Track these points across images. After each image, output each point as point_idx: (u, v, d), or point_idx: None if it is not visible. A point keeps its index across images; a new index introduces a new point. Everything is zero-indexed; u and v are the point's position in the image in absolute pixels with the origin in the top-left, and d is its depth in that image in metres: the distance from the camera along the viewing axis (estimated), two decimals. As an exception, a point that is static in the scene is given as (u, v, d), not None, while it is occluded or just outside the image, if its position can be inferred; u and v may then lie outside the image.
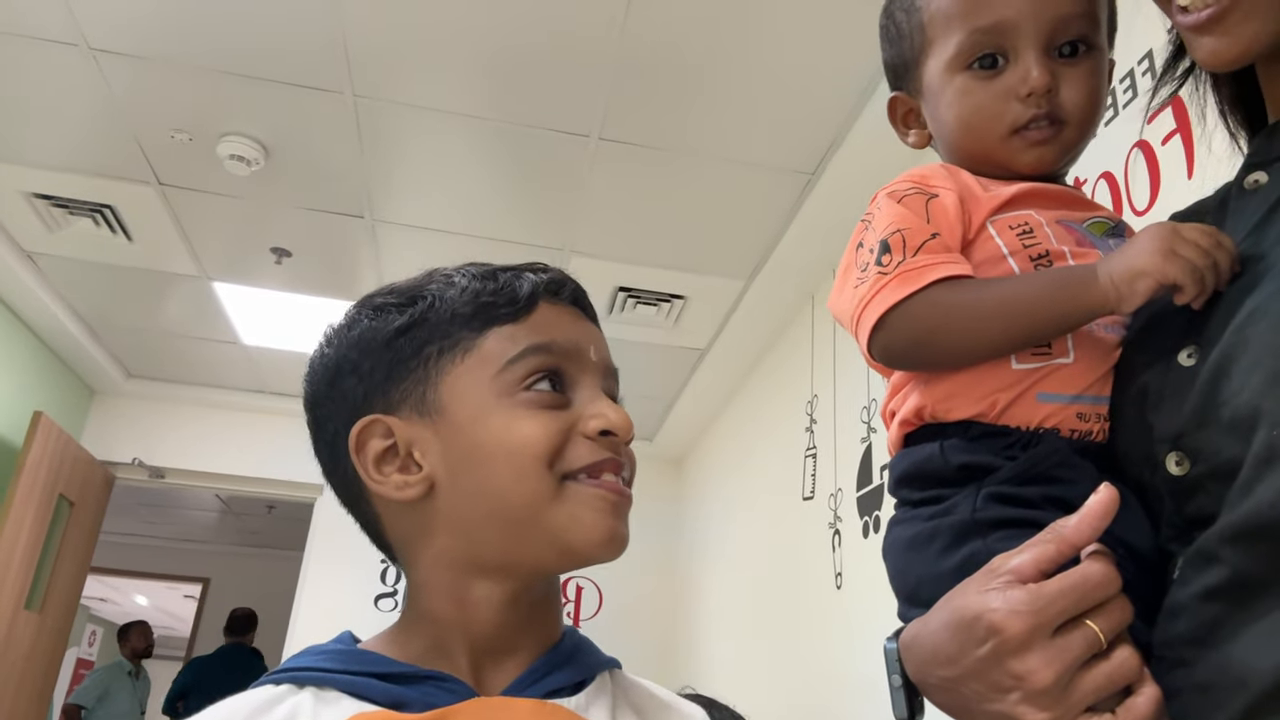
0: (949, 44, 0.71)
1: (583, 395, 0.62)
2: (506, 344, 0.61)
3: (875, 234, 0.67)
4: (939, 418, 0.65)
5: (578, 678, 0.62)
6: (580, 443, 0.60)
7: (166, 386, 4.52)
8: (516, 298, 0.63)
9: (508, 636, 0.61)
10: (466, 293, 0.63)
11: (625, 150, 2.60)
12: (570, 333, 0.63)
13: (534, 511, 0.58)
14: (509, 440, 0.59)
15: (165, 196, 2.96)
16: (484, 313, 0.62)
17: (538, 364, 0.61)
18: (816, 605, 2.82)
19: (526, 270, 0.66)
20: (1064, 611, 0.50)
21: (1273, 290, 0.50)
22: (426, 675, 0.57)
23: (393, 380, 0.63)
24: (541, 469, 0.58)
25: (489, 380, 0.61)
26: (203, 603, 7.75)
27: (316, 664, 0.58)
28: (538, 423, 0.59)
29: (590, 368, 0.63)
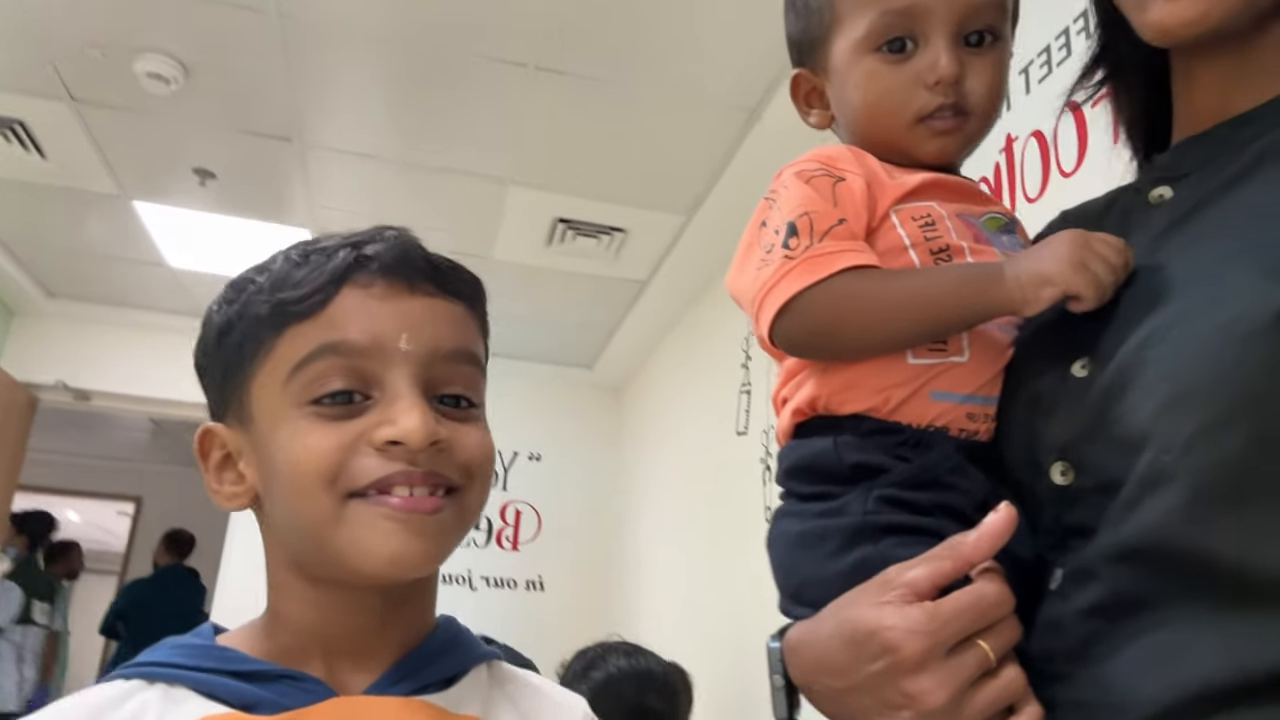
0: (859, 23, 0.69)
1: (386, 396, 0.55)
2: (298, 345, 0.56)
3: (781, 214, 0.65)
4: (832, 410, 0.64)
5: (448, 673, 0.60)
6: (367, 455, 0.54)
7: (91, 307, 4.37)
8: (311, 290, 0.56)
9: (364, 638, 0.58)
10: (266, 288, 0.58)
11: (564, 80, 2.54)
12: (372, 324, 0.56)
13: (319, 533, 0.55)
14: (291, 456, 0.55)
15: (79, 113, 2.81)
16: (279, 310, 0.57)
17: (324, 367, 0.55)
18: (746, 537, 2.90)
19: (344, 247, 0.58)
20: (959, 632, 0.50)
21: (1174, 312, 0.50)
22: (282, 674, 0.55)
23: (225, 384, 0.60)
24: (321, 488, 0.54)
25: (280, 387, 0.56)
26: (136, 521, 7.66)
27: (169, 659, 0.56)
28: (319, 436, 0.54)
29: (398, 360, 0.55)
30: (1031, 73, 1.72)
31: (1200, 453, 0.45)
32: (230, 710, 0.53)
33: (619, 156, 2.90)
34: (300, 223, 3.47)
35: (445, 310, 0.59)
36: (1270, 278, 0.46)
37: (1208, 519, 0.45)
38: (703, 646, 3.13)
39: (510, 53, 2.44)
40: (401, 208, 3.31)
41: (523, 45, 2.40)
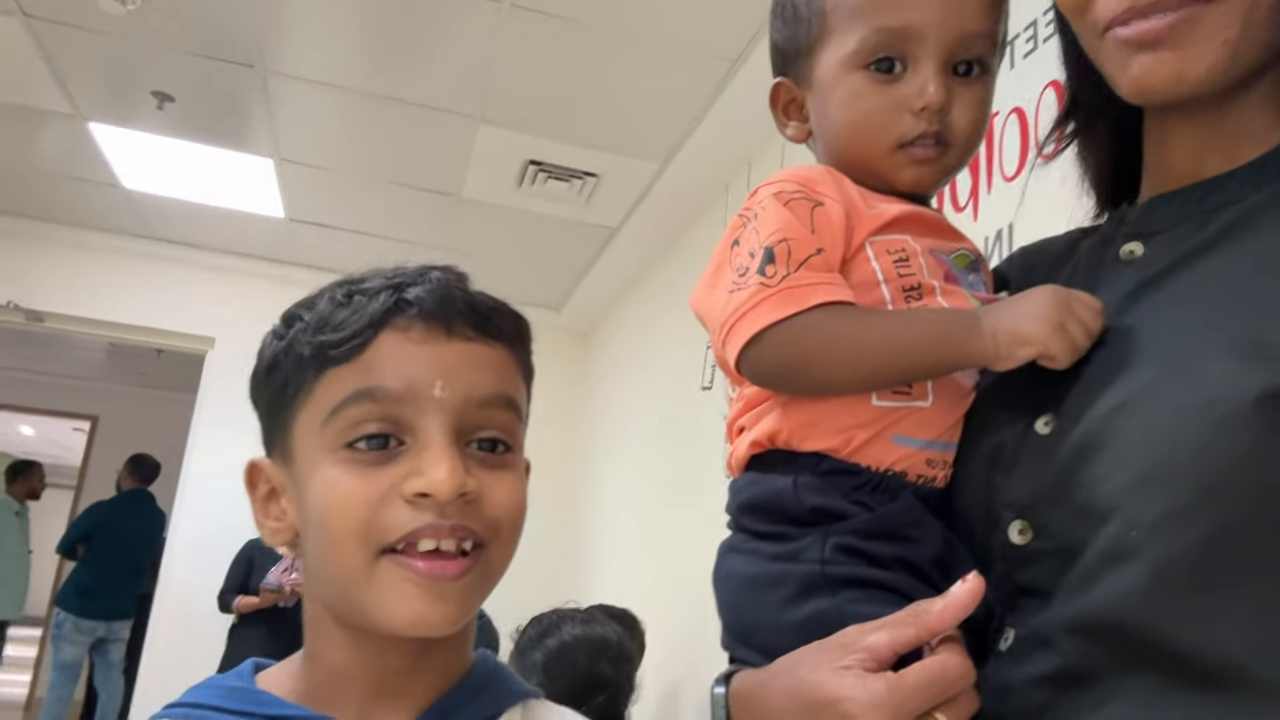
0: (849, 38, 0.67)
1: (418, 443, 0.55)
2: (335, 389, 0.56)
3: (758, 237, 0.63)
4: (792, 446, 0.62)
5: (484, 714, 0.61)
6: (398, 507, 0.54)
7: (41, 225, 4.23)
8: (350, 334, 0.56)
9: (396, 681, 0.59)
10: (311, 327, 0.58)
11: (540, 19, 2.45)
12: (408, 370, 0.56)
13: (348, 588, 0.55)
14: (326, 505, 0.55)
15: (32, 29, 2.68)
16: (320, 353, 0.57)
17: (359, 413, 0.55)
18: (707, 492, 2.93)
19: (387, 289, 0.58)
20: (921, 706, 0.49)
21: (1145, 385, 0.49)
22: (313, 719, 0.56)
23: (271, 420, 0.61)
24: (355, 544, 0.54)
25: (319, 430, 0.56)
26: (91, 440, 7.57)
27: (208, 700, 0.57)
28: (351, 487, 0.54)
29: (431, 408, 0.55)
30: (1017, 47, 1.69)
31: (1167, 534, 0.45)
32: None
33: (594, 100, 2.83)
34: (261, 151, 3.37)
35: (483, 355, 0.59)
36: (1243, 360, 0.45)
37: (1169, 600, 0.45)
38: (660, 592, 3.18)
39: (484, -12, 2.35)
40: (367, 141, 3.23)
41: (498, -18, 2.32)
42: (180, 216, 4.08)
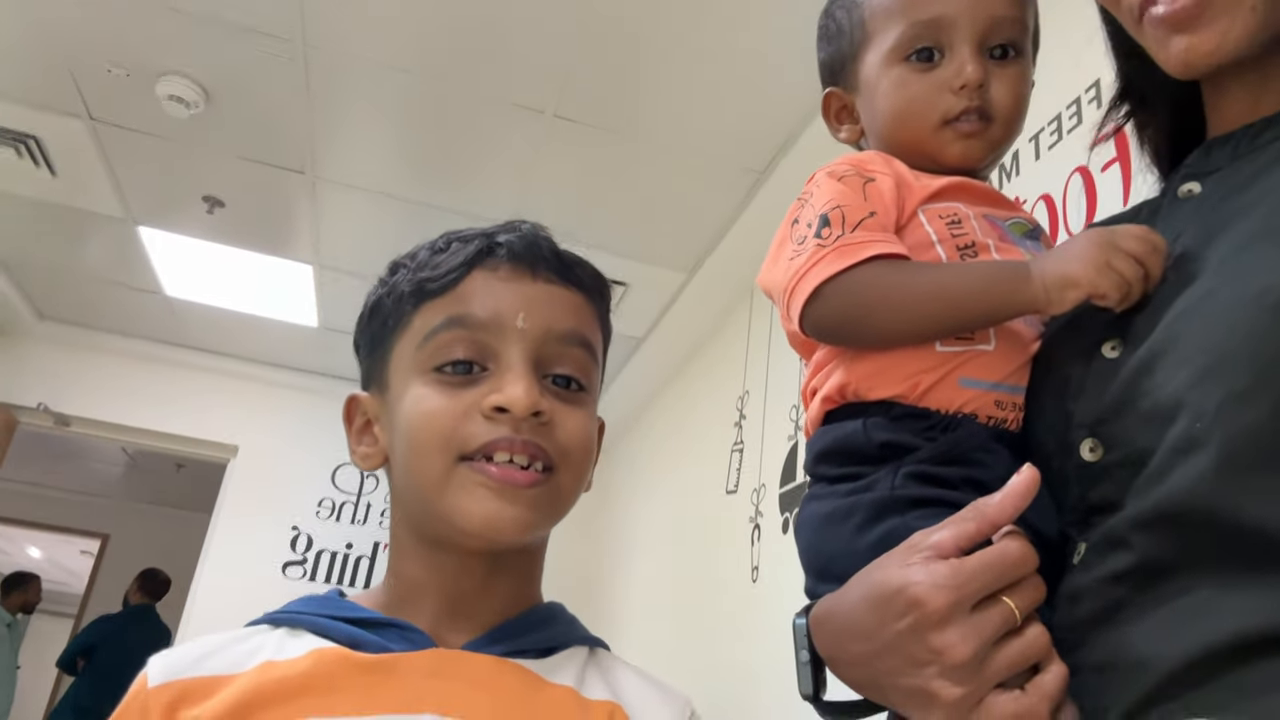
0: (888, 36, 0.73)
1: (499, 368, 0.61)
2: (429, 319, 0.62)
3: (814, 209, 0.68)
4: (861, 396, 0.65)
5: (545, 644, 0.63)
6: (478, 421, 0.59)
7: (80, 332, 4.34)
8: (446, 271, 0.63)
9: (468, 599, 0.63)
10: (411, 269, 0.65)
11: (579, 130, 2.59)
12: (494, 302, 0.62)
13: (430, 493, 0.60)
14: (414, 418, 0.61)
15: (95, 132, 2.83)
16: (419, 288, 0.63)
17: (449, 338, 0.61)
18: (732, 596, 2.86)
19: (480, 236, 0.65)
20: (984, 587, 0.50)
21: (1204, 291, 0.51)
22: (389, 623, 0.61)
23: (372, 356, 0.67)
24: (437, 450, 0.59)
25: (412, 356, 0.62)
26: (100, 559, 7.47)
27: (295, 608, 0.63)
28: (438, 401, 0.60)
29: (514, 337, 0.61)
30: (1042, 139, 1.77)
31: (1230, 419, 0.46)
32: (336, 645, 0.59)
33: (626, 209, 2.95)
34: (302, 257, 3.49)
35: (563, 296, 0.65)
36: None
37: (1237, 483, 0.45)
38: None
39: (528, 98, 2.49)
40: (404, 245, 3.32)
41: (541, 92, 2.45)
42: (216, 324, 4.18)
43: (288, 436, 4.53)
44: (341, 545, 4.49)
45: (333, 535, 4.49)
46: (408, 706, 0.56)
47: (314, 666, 0.58)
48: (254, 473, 4.47)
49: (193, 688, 0.57)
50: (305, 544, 4.44)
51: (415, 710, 0.56)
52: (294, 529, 4.44)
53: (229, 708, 0.55)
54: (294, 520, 4.45)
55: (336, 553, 4.47)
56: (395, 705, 0.56)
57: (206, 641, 0.60)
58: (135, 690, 0.58)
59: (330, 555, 4.46)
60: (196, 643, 0.60)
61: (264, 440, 4.51)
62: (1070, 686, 0.51)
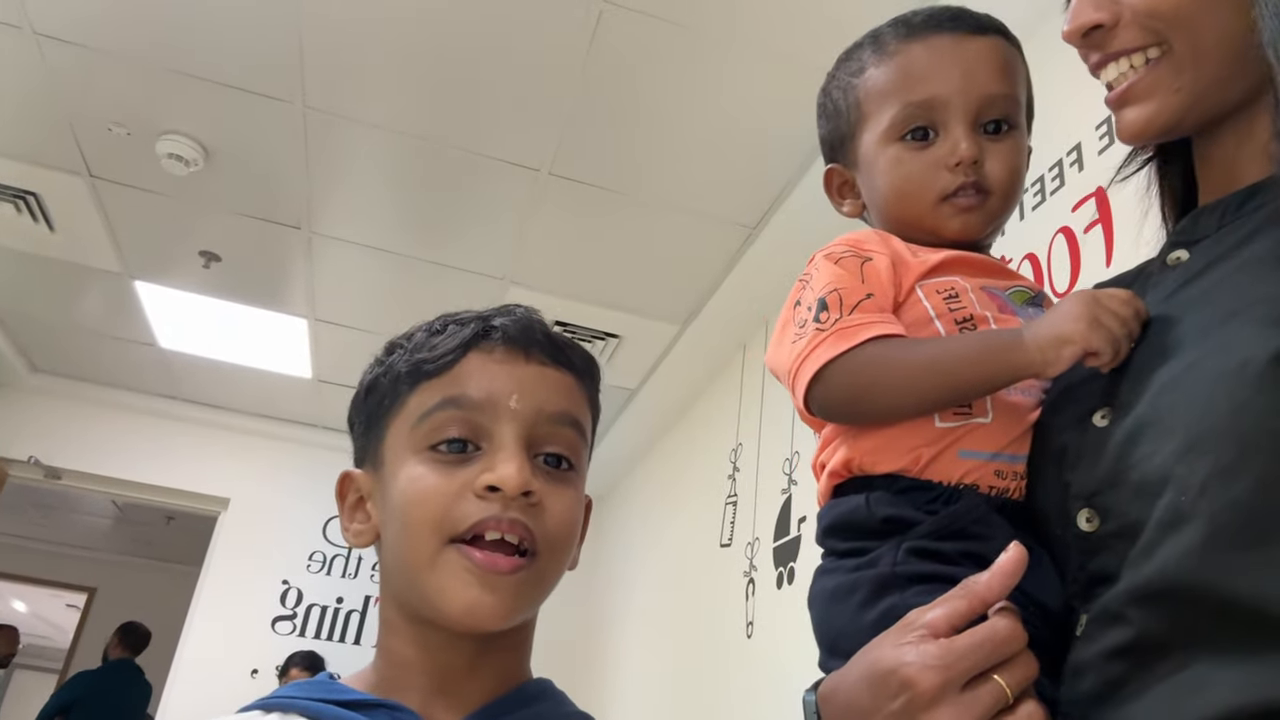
0: (883, 117, 0.75)
1: (492, 447, 0.62)
2: (425, 399, 0.64)
3: (813, 293, 0.70)
4: (866, 470, 0.67)
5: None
6: (470, 501, 0.60)
7: (73, 384, 4.34)
8: (443, 353, 0.65)
9: (457, 678, 0.63)
10: (408, 350, 0.67)
11: (574, 188, 2.63)
12: (489, 383, 0.63)
13: (416, 573, 0.61)
14: (406, 497, 0.62)
15: (95, 189, 2.87)
16: (415, 369, 0.65)
17: (445, 418, 0.63)
18: (727, 652, 2.83)
19: (476, 319, 0.67)
20: (974, 666, 0.51)
21: (1187, 363, 0.53)
22: (379, 704, 0.61)
23: (367, 435, 0.69)
24: (429, 531, 0.60)
25: (407, 435, 0.64)
26: (86, 612, 7.37)
27: (289, 692, 0.64)
28: (431, 481, 0.61)
29: (507, 417, 0.63)
30: (1026, 200, 1.81)
31: (1215, 494, 0.47)
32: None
33: (620, 263, 2.98)
34: (297, 310, 3.51)
35: (555, 379, 0.66)
36: (1273, 325, 0.49)
37: (1224, 558, 0.46)
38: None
39: (523, 157, 2.53)
40: (400, 301, 3.36)
41: (536, 150, 2.50)
42: (210, 377, 4.19)
43: (280, 488, 4.51)
44: (332, 600, 4.44)
45: (323, 589, 4.45)
46: None
47: None
48: (245, 525, 4.44)
49: None
50: (295, 598, 4.39)
51: None
52: (284, 583, 4.40)
53: None
54: (284, 574, 4.41)
55: (327, 607, 4.42)
56: None
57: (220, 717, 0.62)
58: None
59: (320, 610, 4.41)
60: None
61: (256, 492, 4.49)
62: None
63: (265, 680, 4.15)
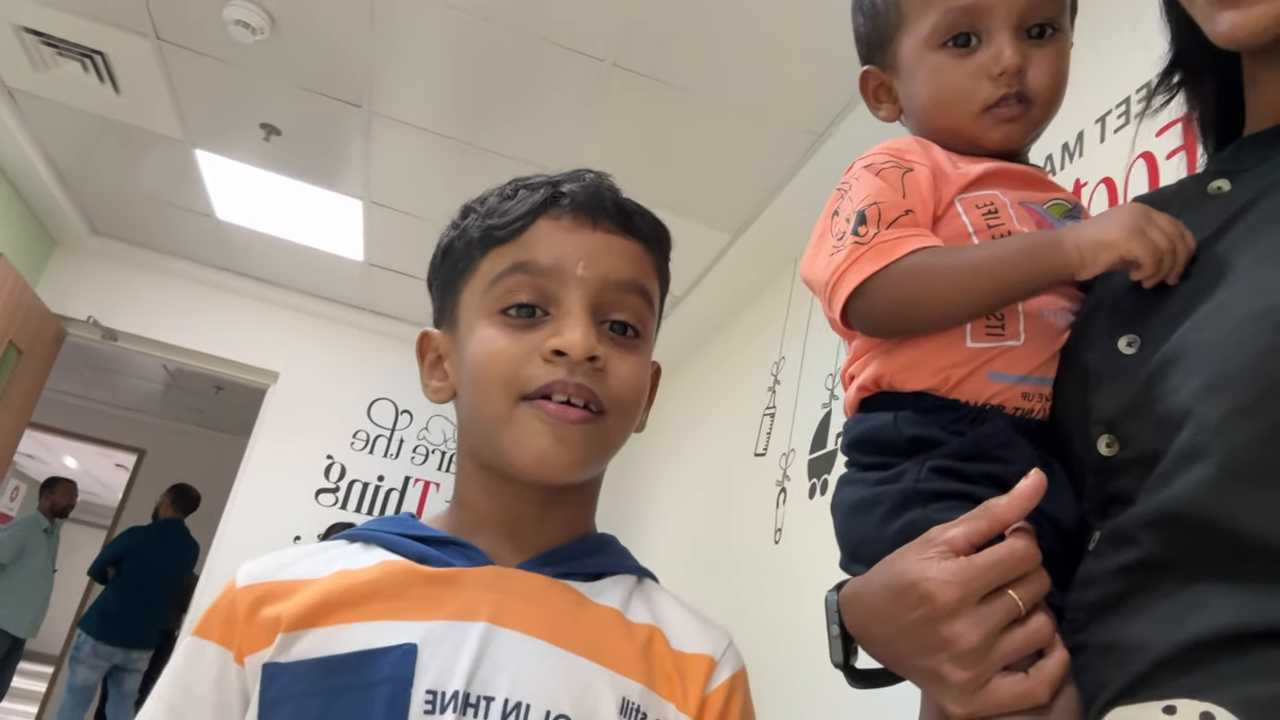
0: (924, 22, 0.74)
1: (560, 312, 0.64)
2: (496, 264, 0.66)
3: (852, 204, 0.69)
4: (895, 387, 0.69)
5: (594, 569, 0.68)
6: (537, 363, 0.63)
7: (132, 249, 4.43)
8: (512, 219, 0.66)
9: (526, 526, 0.67)
10: (481, 214, 0.68)
11: (636, 81, 2.58)
12: (556, 250, 0.65)
13: (491, 428, 0.64)
14: (479, 358, 0.65)
15: (161, 52, 2.87)
16: (487, 235, 0.67)
17: (513, 284, 0.65)
18: (753, 555, 2.90)
19: (545, 185, 0.68)
20: (990, 583, 0.55)
21: (1221, 301, 0.54)
22: (451, 541, 0.66)
23: (444, 296, 0.72)
24: (500, 390, 0.63)
25: (479, 298, 0.66)
26: (135, 473, 7.68)
27: (370, 526, 0.69)
28: (501, 343, 0.64)
29: (574, 284, 0.64)
30: (1109, 122, 1.75)
31: (1231, 432, 0.49)
32: (404, 559, 0.64)
33: (676, 165, 2.94)
34: (352, 192, 3.53)
35: (622, 246, 0.67)
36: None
37: (1236, 492, 0.49)
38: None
39: (590, 46, 2.49)
40: (454, 189, 3.33)
41: (603, 40, 2.45)
42: (264, 251, 4.25)
43: (328, 367, 4.62)
44: (374, 477, 4.59)
45: (365, 466, 4.59)
46: (465, 614, 0.61)
47: (383, 576, 0.63)
48: (293, 400, 4.57)
49: (275, 589, 0.63)
50: (339, 473, 4.54)
51: (471, 618, 0.61)
52: (328, 458, 4.55)
53: (306, 607, 0.61)
54: (329, 449, 4.56)
55: (368, 484, 4.57)
56: (454, 613, 0.61)
57: (288, 552, 0.67)
58: (225, 590, 0.65)
59: (362, 486, 4.56)
60: (279, 553, 0.67)
61: (304, 369, 4.60)
62: (1076, 662, 0.56)
63: (305, 547, 4.32)
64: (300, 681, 0.58)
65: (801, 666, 2.22)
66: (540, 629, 0.62)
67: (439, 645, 0.59)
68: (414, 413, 4.68)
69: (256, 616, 0.61)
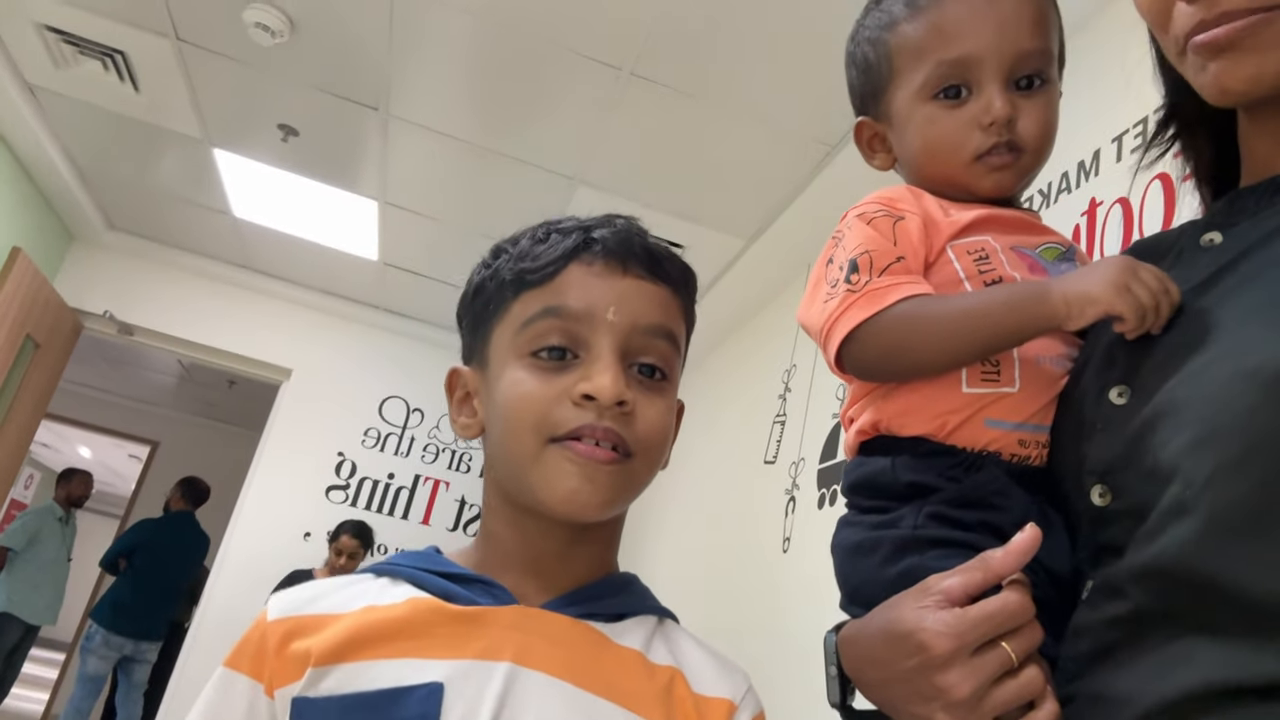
0: (916, 75, 0.75)
1: (589, 356, 0.65)
2: (528, 307, 0.67)
3: (845, 252, 0.71)
4: (893, 431, 0.69)
5: (617, 610, 0.68)
6: (567, 407, 0.64)
7: (148, 245, 4.46)
8: (545, 264, 0.67)
9: (550, 563, 0.68)
10: (513, 258, 0.70)
11: (654, 89, 2.59)
12: (587, 295, 0.66)
13: (520, 467, 0.65)
14: (509, 399, 0.66)
15: (181, 53, 2.89)
16: (519, 278, 0.68)
17: (545, 327, 0.66)
18: (761, 564, 2.91)
19: (578, 230, 0.69)
20: (984, 635, 0.56)
21: (1209, 357, 0.54)
22: (477, 579, 0.67)
23: (474, 334, 0.73)
24: (529, 431, 0.64)
25: (510, 340, 0.67)
26: (149, 465, 7.74)
27: (396, 561, 0.70)
28: (532, 386, 0.65)
29: (604, 329, 0.65)
30: (1125, 141, 1.75)
31: (1218, 488, 0.50)
32: (431, 596, 0.66)
33: (691, 172, 2.95)
34: (368, 192, 3.54)
35: (651, 292, 0.69)
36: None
37: (1220, 548, 0.49)
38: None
39: (607, 54, 2.49)
40: (469, 192, 3.38)
41: (620, 48, 2.46)
42: (280, 249, 4.28)
43: (341, 365, 4.65)
44: (384, 475, 4.61)
45: (376, 464, 4.61)
46: (489, 654, 0.62)
47: (410, 613, 0.64)
48: (305, 396, 4.59)
49: (305, 623, 0.64)
50: (349, 470, 4.57)
51: (496, 658, 0.62)
52: (339, 455, 4.57)
53: (334, 643, 0.62)
54: (340, 446, 4.58)
55: (379, 481, 4.60)
56: (479, 652, 0.62)
57: (318, 585, 0.68)
58: (257, 623, 0.66)
59: (372, 483, 4.59)
60: (308, 586, 0.68)
61: (317, 366, 4.63)
62: (1068, 712, 0.57)
63: (317, 543, 4.36)
64: (327, 717, 0.60)
65: (809, 676, 2.22)
66: (563, 670, 0.63)
67: (464, 684, 0.60)
68: (425, 411, 4.70)
69: (287, 650, 0.63)
